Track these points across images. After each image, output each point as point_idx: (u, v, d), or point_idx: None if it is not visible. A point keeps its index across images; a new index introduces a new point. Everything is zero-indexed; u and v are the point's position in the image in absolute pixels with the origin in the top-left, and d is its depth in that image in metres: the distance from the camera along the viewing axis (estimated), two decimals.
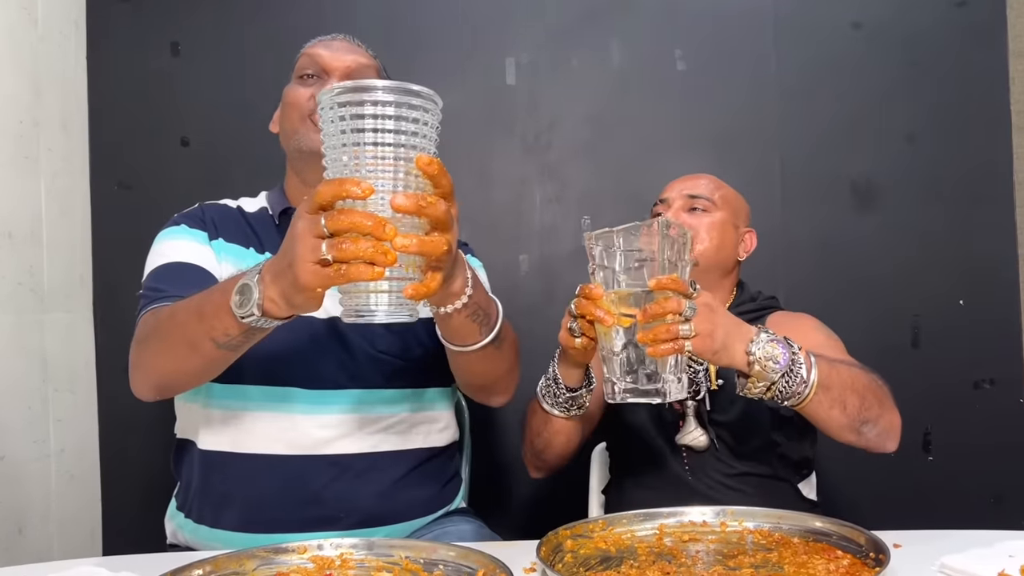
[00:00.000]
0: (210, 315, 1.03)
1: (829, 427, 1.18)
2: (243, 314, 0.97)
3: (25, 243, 1.78)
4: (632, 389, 1.09)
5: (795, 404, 1.13)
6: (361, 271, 0.83)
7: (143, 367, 1.18)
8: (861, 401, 1.17)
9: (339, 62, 1.37)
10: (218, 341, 1.05)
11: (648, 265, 1.07)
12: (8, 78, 1.75)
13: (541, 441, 1.37)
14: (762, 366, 1.09)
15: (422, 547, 1.06)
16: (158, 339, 1.15)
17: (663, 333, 1.05)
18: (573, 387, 1.28)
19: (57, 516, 1.86)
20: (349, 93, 0.84)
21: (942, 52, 1.97)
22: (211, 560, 1.00)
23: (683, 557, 1.05)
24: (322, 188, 0.84)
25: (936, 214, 1.97)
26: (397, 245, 0.83)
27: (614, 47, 2.02)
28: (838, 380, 1.15)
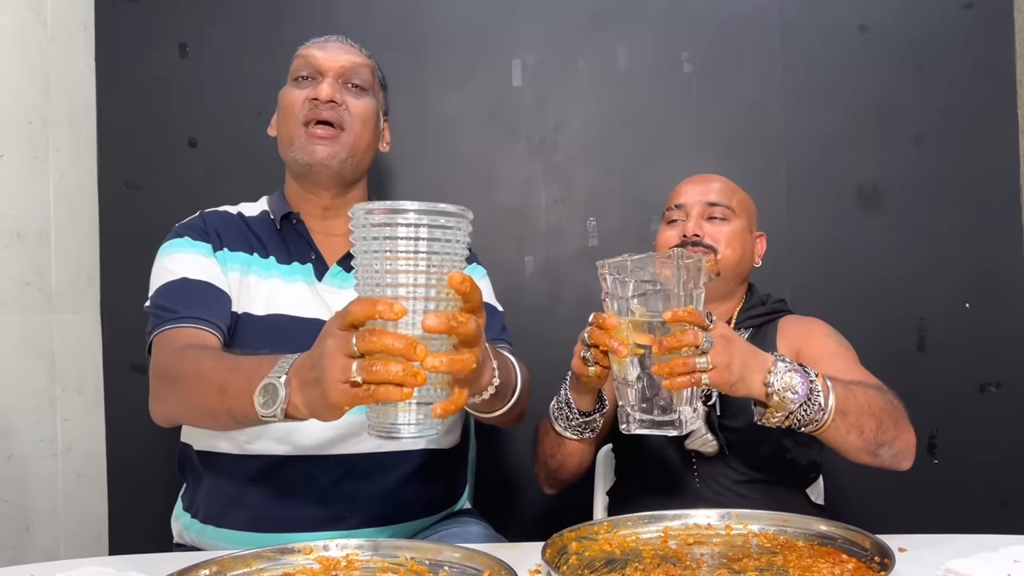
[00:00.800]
0: (232, 396, 1.02)
1: (846, 451, 1.18)
2: (265, 414, 0.96)
3: (33, 243, 1.79)
4: (647, 421, 1.09)
5: (813, 431, 1.13)
6: (390, 392, 0.83)
7: (163, 405, 1.20)
8: (878, 424, 1.17)
9: (333, 62, 1.37)
10: (236, 418, 1.05)
11: (663, 295, 1.06)
12: (17, 79, 1.76)
13: (555, 462, 1.37)
14: (781, 397, 1.09)
15: (427, 548, 1.06)
16: (179, 392, 1.14)
17: (680, 367, 1.04)
18: (586, 411, 1.27)
19: (64, 515, 1.87)
20: (382, 214, 0.84)
21: (949, 54, 1.96)
22: (217, 560, 1.00)
23: (688, 560, 1.05)
24: (354, 308, 0.84)
25: (942, 217, 1.96)
26: (427, 366, 0.83)
27: (620, 49, 2.02)
28: (855, 405, 1.15)
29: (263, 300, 1.31)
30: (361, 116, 1.37)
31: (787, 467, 1.41)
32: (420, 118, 2.03)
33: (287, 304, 1.32)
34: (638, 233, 1.99)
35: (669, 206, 1.49)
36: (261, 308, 1.31)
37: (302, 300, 1.32)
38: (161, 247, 1.36)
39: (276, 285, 1.33)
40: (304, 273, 1.35)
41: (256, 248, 1.36)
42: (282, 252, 1.36)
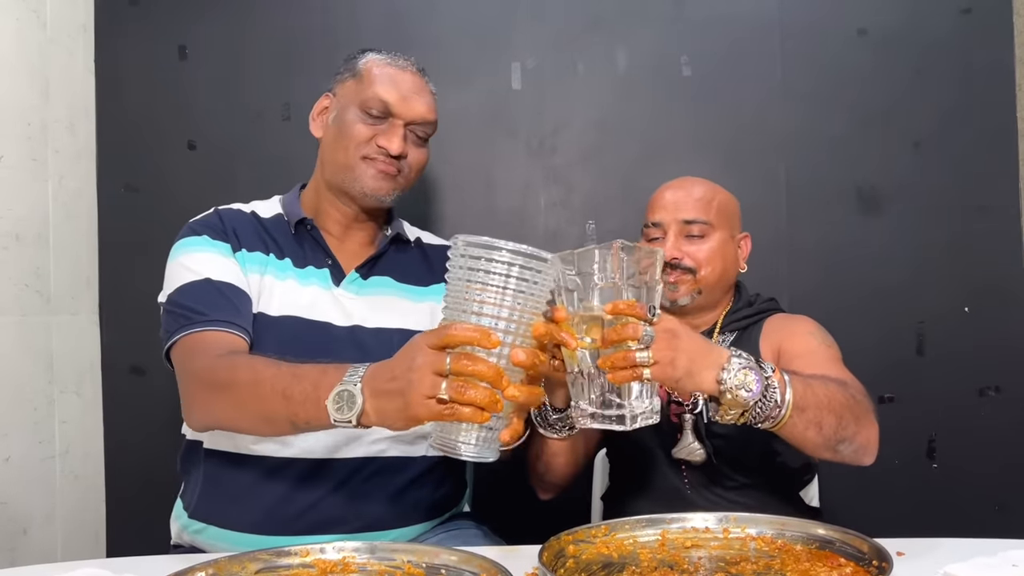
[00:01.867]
0: (298, 402, 1.05)
1: (804, 445, 1.16)
2: (340, 419, 0.99)
3: (32, 245, 1.79)
4: (598, 414, 1.06)
5: (770, 427, 1.11)
6: (471, 414, 0.90)
7: (207, 411, 1.20)
8: (838, 420, 1.14)
9: (409, 111, 1.37)
10: (298, 425, 1.08)
11: (610, 288, 1.05)
12: (16, 81, 1.76)
13: (541, 465, 1.36)
14: (733, 395, 1.06)
15: (424, 551, 1.06)
16: (233, 399, 1.14)
17: (620, 360, 1.02)
18: (560, 407, 1.25)
19: (62, 517, 1.87)
20: (481, 249, 0.94)
21: (948, 59, 1.96)
22: (213, 563, 1.00)
23: (685, 563, 1.05)
24: (454, 331, 0.91)
25: (942, 221, 1.96)
26: (508, 395, 0.91)
27: (620, 52, 2.02)
28: (813, 400, 1.12)
29: (278, 301, 1.32)
30: (418, 166, 1.42)
31: (778, 470, 1.40)
32: None
33: (302, 306, 1.32)
34: (637, 236, 1.98)
35: (647, 221, 1.47)
36: (276, 309, 1.31)
37: (317, 303, 1.33)
38: (177, 244, 1.35)
39: (291, 287, 1.34)
40: (320, 277, 1.36)
41: (272, 249, 1.36)
42: (298, 255, 1.37)
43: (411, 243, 1.46)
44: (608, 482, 1.59)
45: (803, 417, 1.11)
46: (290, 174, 1.56)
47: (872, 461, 1.22)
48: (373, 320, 1.34)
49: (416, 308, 1.38)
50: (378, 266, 1.39)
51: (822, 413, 1.13)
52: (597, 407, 1.06)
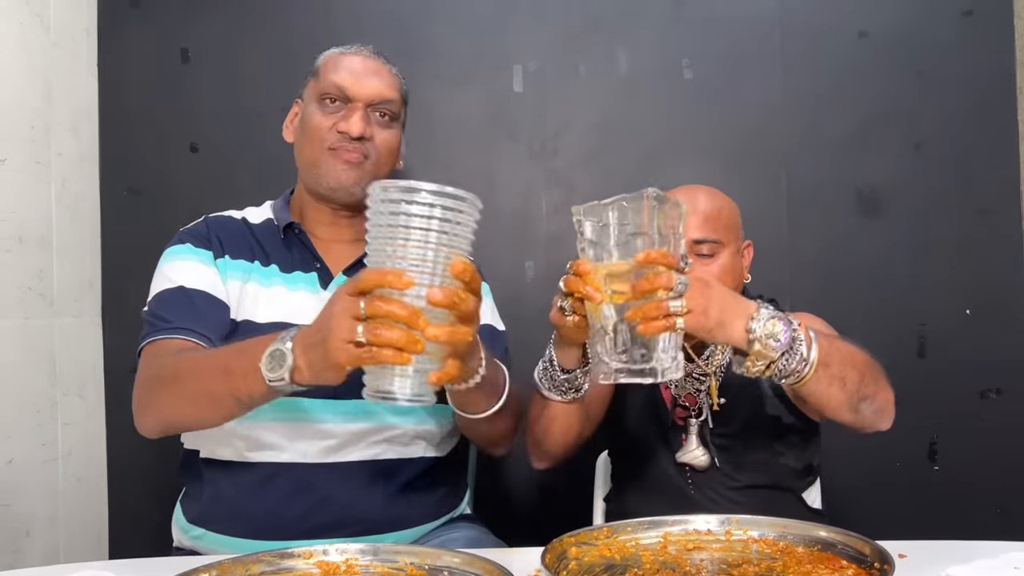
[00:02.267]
0: (237, 375, 1.07)
1: (828, 404, 1.14)
2: (273, 378, 1.01)
3: (35, 248, 1.80)
4: (624, 369, 1.04)
5: (794, 382, 1.10)
6: (390, 356, 0.90)
7: (154, 409, 1.20)
8: (860, 377, 1.14)
9: (364, 91, 1.35)
10: (241, 400, 1.09)
11: (639, 239, 1.02)
12: (20, 84, 1.76)
13: (539, 428, 1.32)
14: (763, 344, 1.06)
15: (427, 553, 1.06)
16: (177, 389, 1.16)
17: (653, 310, 1.00)
18: (569, 368, 1.23)
19: (64, 519, 1.87)
20: (400, 192, 0.91)
21: (949, 61, 1.97)
22: (217, 565, 1.00)
23: (687, 566, 1.05)
24: (365, 276, 0.91)
25: (943, 224, 1.96)
26: (428, 335, 0.90)
27: (621, 55, 2.02)
28: (838, 356, 1.12)
29: (265, 308, 1.32)
30: (387, 148, 1.39)
31: (782, 472, 1.41)
32: (420, 124, 2.02)
33: (290, 312, 1.32)
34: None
35: None
36: (263, 316, 1.31)
37: (305, 308, 1.32)
38: (164, 252, 1.36)
39: (279, 293, 1.33)
40: (308, 282, 1.35)
41: (258, 256, 1.36)
42: (285, 261, 1.36)
43: None
44: (611, 483, 1.59)
45: (828, 372, 1.10)
46: (292, 177, 1.56)
47: (889, 425, 1.22)
48: None
49: None
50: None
51: (846, 369, 1.12)
52: (624, 362, 1.04)
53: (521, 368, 1.35)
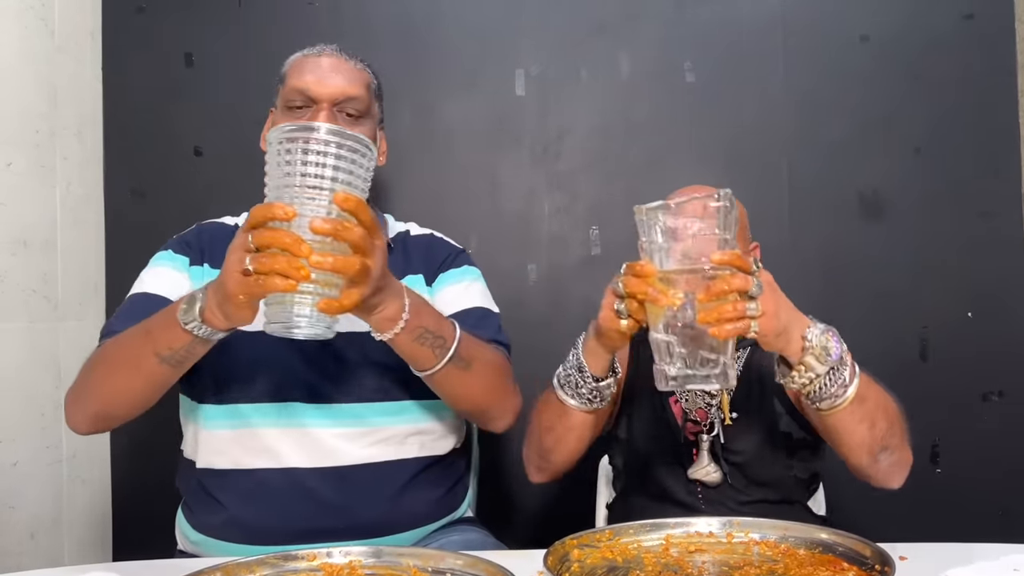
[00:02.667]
0: (156, 330, 1.11)
1: (850, 441, 1.12)
2: (186, 320, 1.06)
3: (40, 251, 1.80)
4: (688, 376, 1.01)
5: (828, 408, 1.08)
6: (276, 283, 0.94)
7: (82, 397, 1.22)
8: (889, 426, 1.12)
9: (327, 90, 1.33)
10: (161, 354, 1.11)
11: (704, 241, 1.00)
12: (25, 88, 1.77)
13: (552, 438, 1.26)
14: (815, 355, 1.04)
15: (430, 555, 1.06)
16: (102, 365, 1.19)
17: (729, 312, 0.97)
18: (600, 375, 1.18)
19: (68, 521, 1.88)
20: (295, 132, 0.96)
21: (950, 65, 1.97)
22: (222, 567, 1.01)
23: (689, 567, 1.05)
24: (254, 211, 0.96)
25: (944, 226, 1.97)
26: (312, 262, 0.94)
27: (623, 59, 2.03)
28: (874, 396, 1.10)
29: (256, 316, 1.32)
30: None
31: (791, 485, 1.39)
32: (423, 128, 2.04)
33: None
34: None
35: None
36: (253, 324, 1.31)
37: None
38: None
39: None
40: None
41: None
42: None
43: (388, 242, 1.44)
44: (614, 492, 1.57)
45: (861, 408, 1.08)
46: None
47: (901, 484, 1.19)
48: (346, 326, 1.34)
49: None
50: None
51: (878, 412, 1.11)
52: (692, 367, 1.01)
53: (525, 369, 1.36)
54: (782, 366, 1.10)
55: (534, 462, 1.32)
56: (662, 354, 1.03)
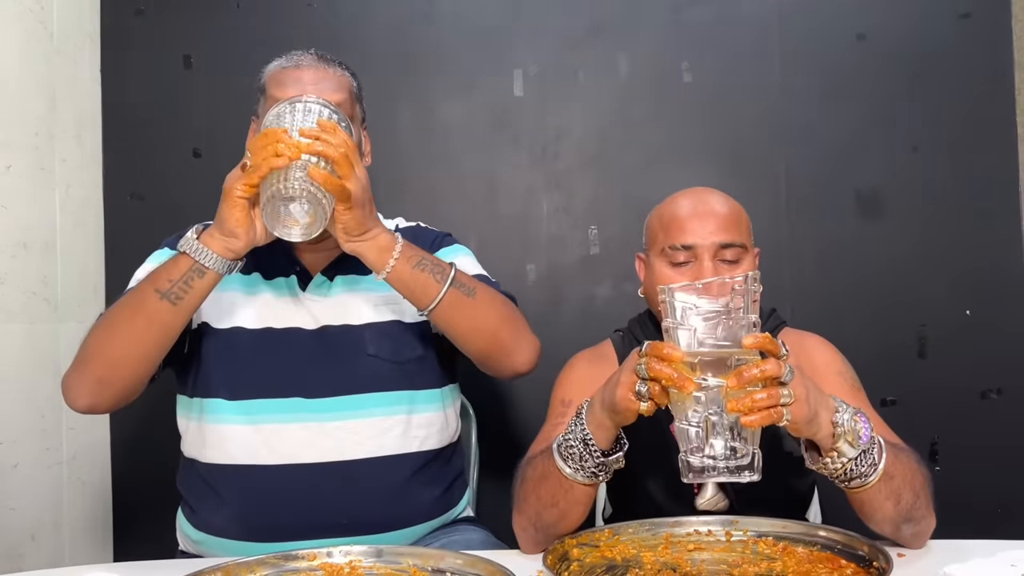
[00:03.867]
0: (158, 271, 1.20)
1: (874, 515, 1.09)
2: (183, 246, 1.17)
3: (40, 253, 1.81)
4: (717, 468, 0.97)
5: (855, 487, 1.05)
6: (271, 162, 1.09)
7: (82, 363, 1.23)
8: (915, 499, 1.08)
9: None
10: (160, 289, 1.16)
11: (732, 323, 0.97)
12: (24, 91, 1.78)
13: (555, 513, 1.13)
14: (848, 440, 1.00)
15: (430, 555, 1.07)
16: (101, 323, 1.24)
17: (763, 400, 0.93)
18: (606, 450, 1.10)
19: (69, 523, 1.88)
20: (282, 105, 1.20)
21: (947, 63, 1.98)
22: (222, 567, 1.01)
23: (688, 566, 1.06)
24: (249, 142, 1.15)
25: (942, 224, 1.97)
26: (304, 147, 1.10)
27: (621, 59, 2.03)
28: (900, 470, 1.06)
29: (246, 313, 1.35)
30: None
31: (794, 502, 1.37)
32: (421, 128, 2.04)
33: (269, 317, 1.35)
34: (639, 242, 1.99)
35: (673, 244, 1.27)
36: (246, 321, 1.34)
37: (286, 311, 1.36)
38: None
39: (267, 300, 1.36)
40: (288, 285, 1.38)
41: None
42: (266, 266, 1.38)
43: None
44: (610, 508, 1.50)
45: (889, 485, 1.05)
46: None
47: (920, 547, 1.15)
48: (341, 319, 1.36)
49: (385, 298, 1.37)
50: (344, 266, 1.38)
51: (904, 487, 1.07)
52: (719, 458, 0.97)
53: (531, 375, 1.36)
54: (811, 452, 1.06)
55: (531, 536, 1.17)
56: (687, 443, 0.98)
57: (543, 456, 1.15)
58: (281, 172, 1.10)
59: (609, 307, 2.00)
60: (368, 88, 1.48)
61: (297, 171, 1.10)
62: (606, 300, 2.02)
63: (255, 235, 1.18)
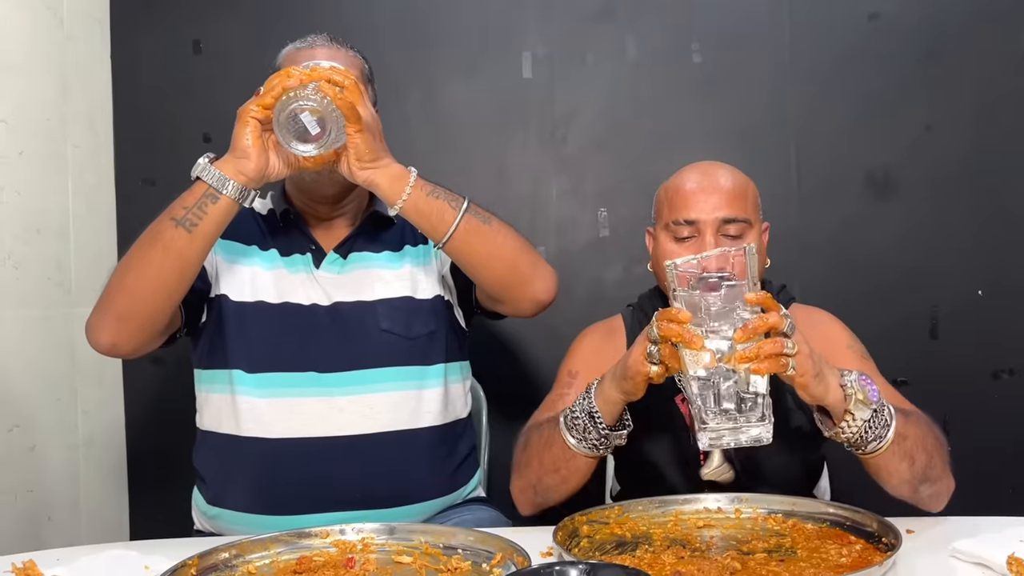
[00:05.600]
0: (175, 201, 1.22)
1: (891, 479, 1.12)
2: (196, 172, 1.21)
3: (53, 238, 1.82)
4: (731, 429, 1.00)
5: (871, 451, 1.07)
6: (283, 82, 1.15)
7: (104, 300, 1.26)
8: (928, 459, 1.11)
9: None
10: (176, 217, 1.19)
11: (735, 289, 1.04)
12: (35, 77, 1.79)
13: (556, 478, 1.21)
14: (860, 400, 1.04)
15: (441, 532, 1.08)
16: (123, 259, 1.26)
17: (768, 348, 0.98)
18: (611, 424, 1.16)
19: (85, 504, 1.91)
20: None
21: (959, 42, 1.95)
22: (236, 544, 1.03)
23: (697, 542, 1.06)
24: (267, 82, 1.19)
25: (954, 205, 1.96)
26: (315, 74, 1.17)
27: (629, 40, 2.02)
28: (912, 432, 1.09)
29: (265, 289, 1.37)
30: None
31: (800, 478, 1.37)
32: (430, 111, 2.04)
33: (286, 292, 1.38)
34: (649, 223, 2.00)
35: (676, 219, 1.30)
36: (267, 295, 1.37)
37: (301, 287, 1.38)
38: None
39: (282, 275, 1.39)
40: (304, 263, 1.40)
41: (255, 240, 1.42)
42: (283, 245, 1.41)
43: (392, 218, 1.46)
44: (618, 485, 1.53)
45: (902, 447, 1.08)
46: None
47: (940, 509, 1.18)
48: (353, 296, 1.39)
49: (397, 275, 1.40)
50: (357, 244, 1.42)
51: (917, 447, 1.10)
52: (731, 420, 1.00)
53: (533, 352, 1.36)
54: (825, 420, 1.09)
55: (528, 498, 1.27)
56: (701, 405, 1.02)
57: (549, 424, 1.22)
58: (293, 91, 1.15)
59: (619, 290, 2.00)
60: (377, 71, 1.48)
61: (309, 88, 1.15)
62: (616, 283, 2.02)
63: (267, 161, 1.21)
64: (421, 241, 1.46)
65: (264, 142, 1.20)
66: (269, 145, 1.21)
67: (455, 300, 1.45)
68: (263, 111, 1.18)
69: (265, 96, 1.17)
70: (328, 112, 1.15)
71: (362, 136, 1.19)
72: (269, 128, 1.18)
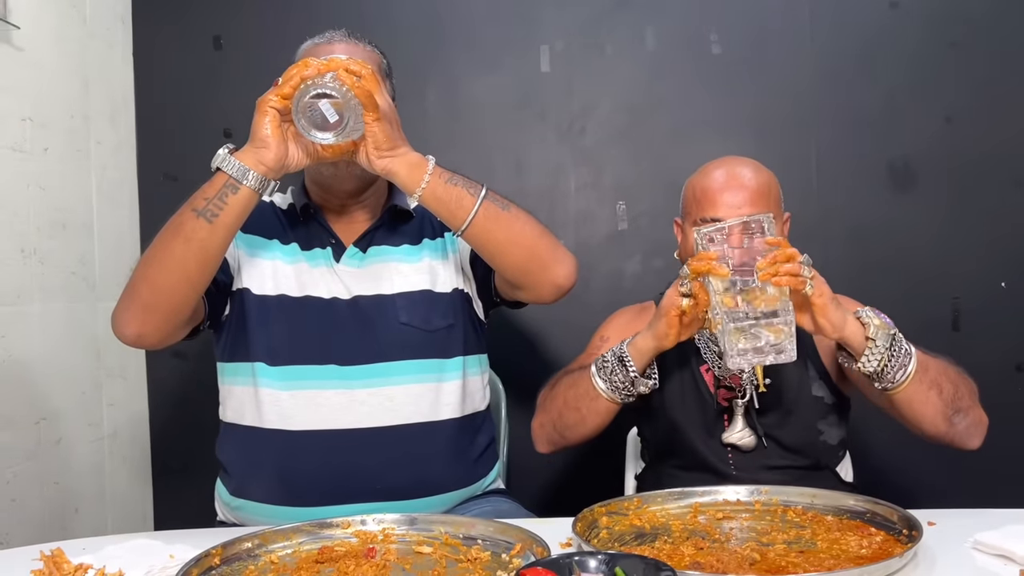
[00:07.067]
0: (196, 192, 1.23)
1: (925, 411, 1.19)
2: (216, 163, 1.21)
3: (78, 233, 1.85)
4: (756, 349, 1.13)
5: (900, 381, 1.16)
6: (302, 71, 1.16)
7: (129, 291, 1.27)
8: (955, 388, 1.19)
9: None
10: (197, 208, 1.20)
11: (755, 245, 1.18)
12: (59, 75, 1.81)
13: (576, 416, 1.34)
14: (879, 329, 1.14)
15: (461, 523, 1.09)
16: (147, 251, 1.26)
17: (790, 267, 1.11)
18: (641, 372, 1.28)
19: (111, 496, 1.93)
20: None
21: (980, 31, 1.93)
22: (259, 534, 1.04)
23: (717, 534, 1.06)
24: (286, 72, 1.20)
25: (976, 195, 1.94)
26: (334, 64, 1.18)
27: (648, 32, 2.02)
28: (933, 364, 1.17)
29: (288, 282, 1.38)
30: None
31: (822, 450, 1.40)
32: (449, 105, 2.05)
33: (307, 285, 1.39)
34: (668, 216, 1.97)
35: (704, 217, 1.35)
36: (290, 289, 1.38)
37: (322, 281, 1.39)
38: None
39: (303, 269, 1.40)
40: (324, 256, 1.41)
41: (276, 234, 1.43)
42: (304, 238, 1.43)
43: (411, 211, 1.47)
44: (643, 463, 1.58)
45: (927, 376, 1.16)
46: None
47: (979, 445, 1.26)
48: (373, 289, 1.39)
49: (416, 268, 1.41)
50: (376, 237, 1.43)
51: (941, 377, 1.18)
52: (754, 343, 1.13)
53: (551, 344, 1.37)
54: (843, 352, 1.18)
55: (547, 434, 1.41)
56: (726, 333, 1.14)
57: (579, 371, 1.35)
58: (312, 80, 1.16)
59: (637, 282, 2.00)
60: (396, 67, 1.49)
61: (328, 77, 1.17)
62: (634, 276, 2.02)
63: (286, 150, 1.22)
64: (440, 234, 1.46)
65: (283, 132, 1.21)
66: (288, 135, 1.22)
67: (474, 291, 1.46)
68: (282, 101, 1.18)
69: (284, 86, 1.18)
70: (346, 100, 1.17)
71: (380, 125, 1.20)
72: (288, 118, 1.19)
